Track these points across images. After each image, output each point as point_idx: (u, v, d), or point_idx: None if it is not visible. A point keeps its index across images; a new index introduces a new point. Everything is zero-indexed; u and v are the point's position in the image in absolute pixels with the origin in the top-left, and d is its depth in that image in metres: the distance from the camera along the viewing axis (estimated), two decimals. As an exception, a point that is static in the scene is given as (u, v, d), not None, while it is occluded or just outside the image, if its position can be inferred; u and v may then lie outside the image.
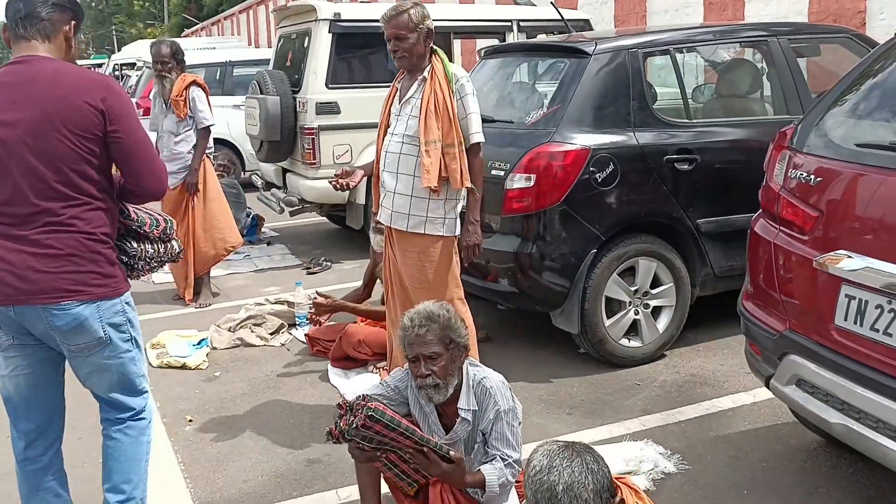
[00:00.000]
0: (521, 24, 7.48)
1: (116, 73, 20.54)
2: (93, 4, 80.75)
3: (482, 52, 5.39)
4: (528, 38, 7.48)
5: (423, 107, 3.40)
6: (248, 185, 8.94)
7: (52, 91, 2.38)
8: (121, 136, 2.46)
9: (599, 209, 4.19)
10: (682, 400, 3.97)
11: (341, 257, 7.24)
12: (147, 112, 10.75)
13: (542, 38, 7.58)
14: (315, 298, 4.59)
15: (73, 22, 2.53)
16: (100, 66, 27.56)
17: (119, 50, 37.34)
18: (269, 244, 8.04)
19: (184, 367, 4.71)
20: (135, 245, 2.74)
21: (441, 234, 3.52)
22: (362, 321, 4.77)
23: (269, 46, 30.44)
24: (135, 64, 18.42)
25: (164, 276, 6.77)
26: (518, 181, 4.18)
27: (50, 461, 2.70)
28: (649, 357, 4.42)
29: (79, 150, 2.40)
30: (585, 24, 7.62)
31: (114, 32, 68.43)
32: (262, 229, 8.41)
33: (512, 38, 7.44)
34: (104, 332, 2.52)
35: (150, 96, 6.06)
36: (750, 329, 3.10)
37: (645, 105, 4.33)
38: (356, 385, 4.35)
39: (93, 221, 2.47)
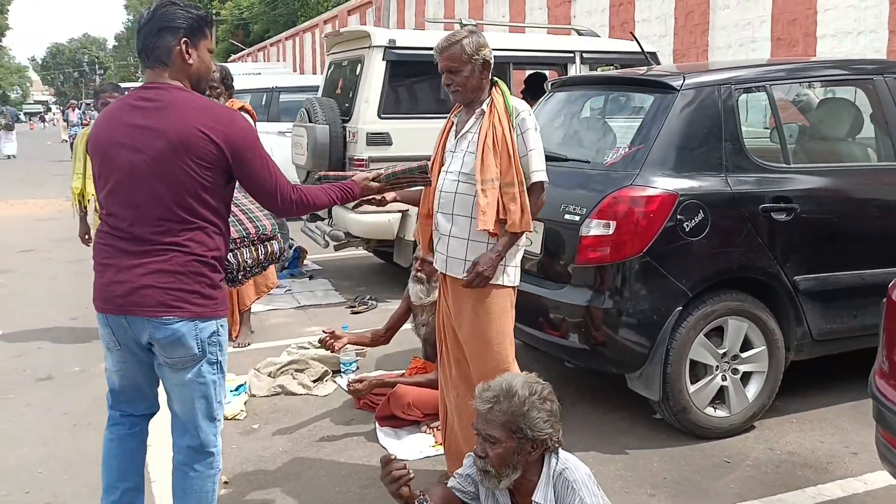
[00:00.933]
0: (585, 55, 7.09)
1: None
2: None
3: (551, 84, 5.00)
4: (590, 71, 7.10)
5: (481, 142, 3.08)
6: (291, 215, 8.63)
7: (178, 121, 2.53)
8: (242, 165, 2.60)
9: (687, 262, 3.74)
10: (781, 484, 3.47)
11: (387, 296, 6.84)
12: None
13: (603, 70, 7.19)
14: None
15: (185, 39, 2.61)
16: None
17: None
18: (311, 278, 7.69)
19: (220, 416, 4.32)
20: (232, 258, 2.98)
21: (500, 282, 3.15)
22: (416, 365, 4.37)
23: (315, 73, 30.59)
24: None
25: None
26: (595, 228, 3.76)
27: (134, 435, 2.89)
28: (737, 429, 3.93)
29: (199, 177, 2.54)
30: (652, 58, 7.20)
31: (162, 56, 69.59)
32: (305, 262, 8.08)
33: (575, 70, 7.06)
34: (199, 349, 2.65)
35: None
36: (885, 415, 2.62)
37: (739, 147, 3.89)
38: (407, 446, 3.94)
39: (206, 244, 2.62)
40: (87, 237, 5.75)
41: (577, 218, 3.82)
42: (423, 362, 4.45)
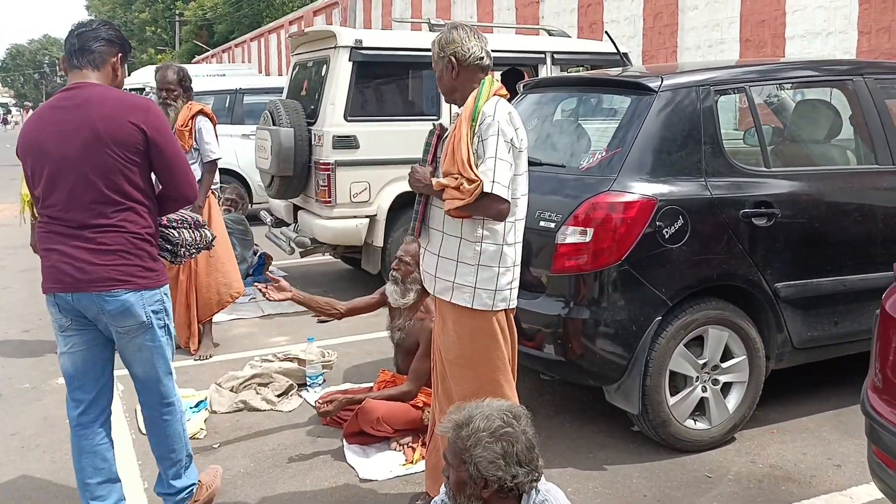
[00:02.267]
0: (556, 56, 6.95)
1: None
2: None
3: (523, 86, 4.84)
4: (561, 72, 6.97)
5: (447, 150, 2.86)
6: (256, 219, 8.39)
7: (101, 112, 2.80)
8: (160, 150, 2.88)
9: (666, 270, 3.61)
10: (764, 500, 3.35)
11: (355, 303, 6.64)
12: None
13: (573, 72, 7.07)
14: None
15: (119, 54, 2.98)
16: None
17: (129, 75, 37.16)
18: (276, 285, 7.45)
19: (178, 435, 4.10)
20: (175, 234, 3.22)
21: (468, 305, 2.91)
22: (385, 379, 4.18)
23: (280, 74, 30.21)
24: (143, 89, 18.05)
25: (161, 321, 6.21)
26: (571, 235, 3.61)
27: (100, 427, 3.08)
28: (717, 441, 3.81)
29: (125, 162, 2.82)
30: (624, 59, 7.09)
31: (125, 57, 68.51)
32: (270, 268, 7.83)
33: (545, 71, 6.92)
34: (146, 317, 2.94)
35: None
36: (877, 432, 2.50)
37: (718, 150, 3.77)
38: (376, 465, 3.75)
39: (138, 222, 2.89)
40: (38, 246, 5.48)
41: (553, 225, 3.67)
42: (391, 375, 4.27)
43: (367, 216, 6.39)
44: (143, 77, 20.75)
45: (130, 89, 19.86)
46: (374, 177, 6.33)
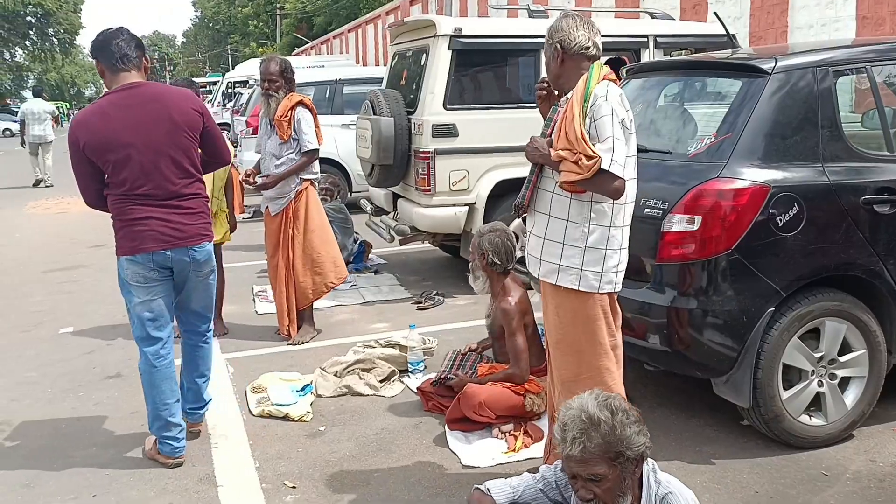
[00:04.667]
0: (659, 39, 6.77)
1: (229, 90, 20.91)
2: (210, 25, 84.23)
3: (626, 70, 4.74)
4: (665, 56, 6.78)
5: (556, 133, 2.92)
6: (355, 207, 8.55)
7: (172, 104, 3.55)
8: (210, 128, 3.70)
9: (780, 259, 3.47)
10: (885, 500, 3.19)
11: (454, 291, 6.69)
12: (256, 131, 10.64)
13: (676, 55, 6.86)
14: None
15: (146, 56, 3.67)
16: (215, 83, 28.25)
17: (233, 68, 38.43)
18: (376, 272, 7.58)
19: (286, 417, 4.23)
20: None
21: (575, 287, 2.93)
22: (483, 372, 4.19)
23: (377, 64, 30.61)
24: (247, 82, 18.64)
25: (267, 307, 6.41)
26: (678, 223, 3.52)
27: (171, 360, 3.75)
28: (834, 438, 3.65)
29: (194, 141, 3.62)
30: (733, 40, 6.84)
31: (228, 52, 70.98)
32: (370, 256, 7.98)
33: (648, 56, 6.75)
34: (214, 261, 3.84)
35: (259, 115, 5.67)
36: None
37: (837, 134, 3.59)
38: (478, 452, 3.77)
39: (203, 190, 3.74)
40: None
41: (659, 213, 3.58)
42: (489, 366, 4.26)
43: (465, 204, 6.40)
44: (247, 70, 21.46)
45: (235, 82, 20.64)
46: (473, 165, 6.33)
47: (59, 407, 4.53)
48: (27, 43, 60.92)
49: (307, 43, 47.89)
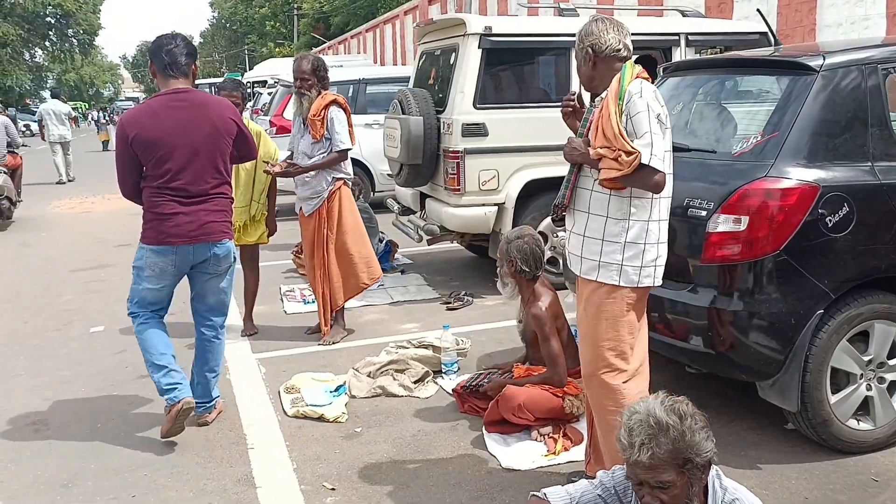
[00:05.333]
0: (691, 37, 6.70)
1: (248, 90, 20.98)
2: (227, 25, 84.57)
3: (663, 69, 4.68)
4: (696, 54, 6.70)
5: (593, 132, 2.94)
6: (379, 207, 8.52)
7: (215, 112, 3.92)
8: (243, 132, 4.04)
9: (829, 260, 3.40)
10: (940, 508, 3.12)
11: (482, 291, 6.65)
12: (280, 130, 10.63)
13: (707, 54, 6.78)
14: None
15: (195, 63, 3.99)
16: (234, 83, 28.26)
17: (250, 68, 38.53)
18: (403, 272, 7.55)
19: (321, 418, 4.20)
20: None
21: (615, 283, 2.95)
22: (520, 374, 4.14)
23: (395, 64, 30.58)
24: (265, 82, 18.67)
25: (296, 307, 6.39)
26: (724, 223, 3.46)
27: (162, 322, 4.06)
28: (883, 443, 3.58)
29: (229, 146, 3.96)
30: (763, 38, 6.76)
31: (245, 52, 71.24)
32: (396, 256, 7.94)
33: (679, 55, 6.68)
34: (233, 258, 4.08)
35: (285, 114, 5.64)
36: None
37: (887, 132, 3.52)
38: (518, 454, 3.73)
39: (229, 191, 4.03)
40: None
41: (704, 213, 3.53)
42: (525, 369, 4.21)
43: (495, 204, 6.36)
44: (265, 70, 21.52)
45: (253, 82, 20.70)
46: (502, 165, 6.29)
47: (94, 406, 4.53)
48: (47, 43, 61.31)
49: (324, 43, 47.98)
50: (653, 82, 3.06)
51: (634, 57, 3.12)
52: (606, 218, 2.95)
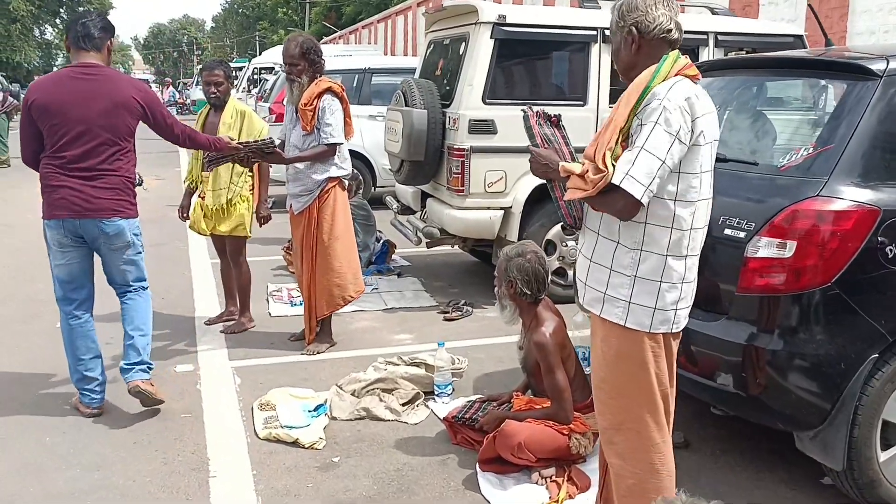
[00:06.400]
0: (720, 37, 6.21)
1: (255, 76, 20.50)
2: (239, 11, 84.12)
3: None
4: (725, 55, 6.21)
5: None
6: (380, 203, 8.04)
7: (115, 87, 3.87)
8: (152, 114, 3.97)
9: (887, 297, 2.92)
10: None
11: (483, 300, 6.16)
12: (280, 118, 10.15)
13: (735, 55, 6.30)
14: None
15: (111, 39, 4.00)
16: (240, 69, 27.88)
17: (260, 55, 38.08)
18: (399, 276, 7.08)
19: (295, 443, 3.74)
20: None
21: (621, 322, 2.41)
22: (521, 406, 3.67)
23: (406, 55, 30.11)
24: (272, 68, 18.21)
25: (282, 308, 5.93)
26: (766, 248, 2.98)
27: (87, 320, 4.04)
28: (935, 509, 3.10)
29: (128, 125, 3.90)
30: (797, 42, 6.27)
31: (256, 38, 70.78)
32: (393, 257, 7.47)
33: (707, 55, 6.19)
34: (130, 238, 3.99)
35: (285, 102, 5.16)
36: None
37: (960, 150, 3.04)
38: (515, 499, 3.27)
39: (127, 169, 3.96)
40: (184, 212, 5.64)
41: (743, 234, 3.05)
42: (528, 400, 3.74)
43: (501, 208, 5.88)
44: (273, 56, 21.02)
45: (261, 68, 20.23)
46: (511, 165, 5.80)
47: (43, 419, 4.06)
48: (57, 21, 60.79)
49: (335, 32, 47.47)
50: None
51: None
52: (617, 244, 2.41)
